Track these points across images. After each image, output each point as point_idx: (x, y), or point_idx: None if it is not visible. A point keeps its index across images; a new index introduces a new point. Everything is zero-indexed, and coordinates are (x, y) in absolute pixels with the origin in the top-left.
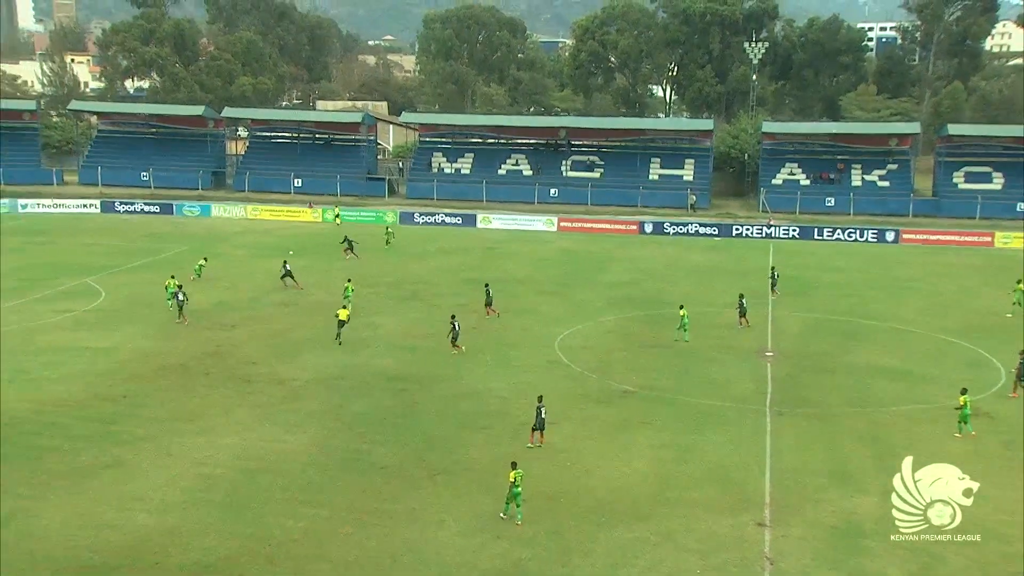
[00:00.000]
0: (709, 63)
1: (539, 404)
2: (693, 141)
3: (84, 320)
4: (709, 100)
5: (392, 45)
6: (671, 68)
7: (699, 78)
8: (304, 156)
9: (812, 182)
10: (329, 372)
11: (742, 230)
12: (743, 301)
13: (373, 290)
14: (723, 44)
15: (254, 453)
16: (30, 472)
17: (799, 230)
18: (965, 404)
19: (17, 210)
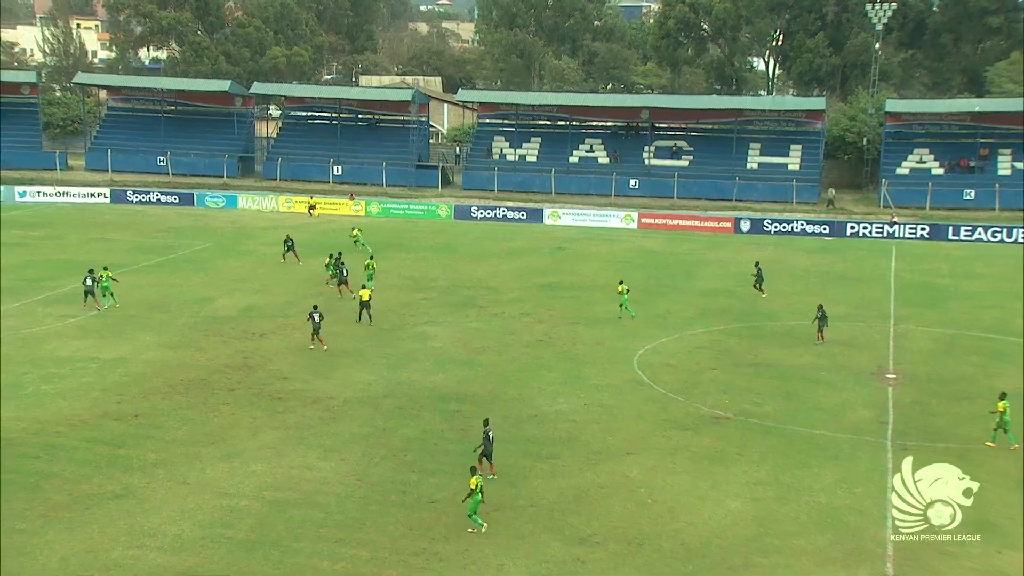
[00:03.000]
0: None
1: (486, 428)
2: (800, 123)
3: (91, 327)
4: (820, 75)
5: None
6: (775, 37)
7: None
8: (345, 140)
9: (947, 171)
10: (372, 390)
11: (858, 228)
12: (823, 311)
13: (423, 295)
14: (839, 7)
15: (285, 482)
16: (27, 502)
17: (929, 228)
18: (1004, 411)
19: (14, 198)
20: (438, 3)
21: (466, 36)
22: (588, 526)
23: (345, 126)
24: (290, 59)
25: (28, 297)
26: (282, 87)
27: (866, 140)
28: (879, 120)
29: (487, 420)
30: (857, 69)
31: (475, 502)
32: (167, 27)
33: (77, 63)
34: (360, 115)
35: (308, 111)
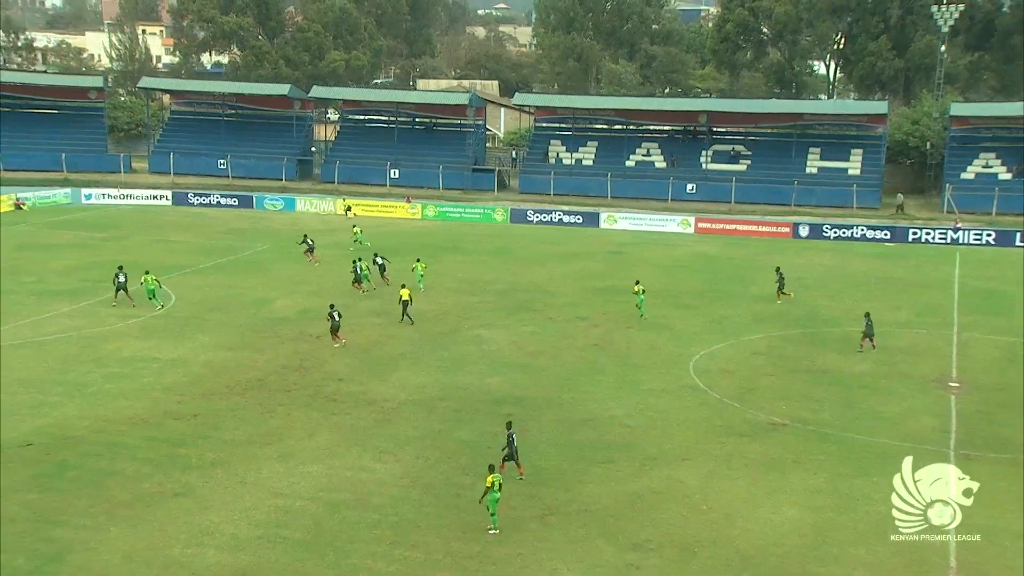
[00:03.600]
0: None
1: (509, 431)
2: (862, 127)
3: (152, 327)
4: (883, 78)
5: (505, 15)
6: (837, 40)
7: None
8: (402, 143)
9: (1016, 176)
10: (427, 392)
11: (920, 234)
12: (869, 318)
13: (479, 298)
14: (903, 9)
15: (339, 484)
16: (91, 499)
17: (995, 235)
18: None
19: (80, 200)
20: (496, 7)
21: (523, 40)
22: (642, 531)
23: (402, 129)
24: (349, 63)
25: (92, 297)
26: (340, 91)
27: (930, 144)
28: (944, 124)
29: (510, 423)
30: (921, 72)
31: (492, 500)
32: (229, 32)
33: (142, 68)
34: (417, 119)
35: (366, 115)
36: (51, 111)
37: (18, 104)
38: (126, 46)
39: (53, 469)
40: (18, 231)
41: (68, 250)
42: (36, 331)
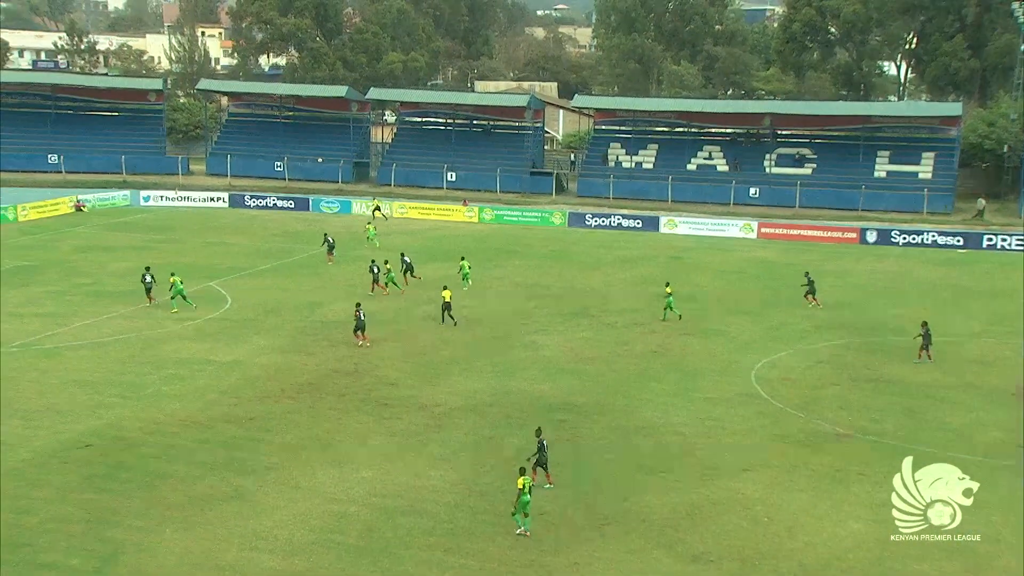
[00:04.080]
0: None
1: (539, 437)
2: (934, 130)
3: (207, 329)
4: (957, 79)
5: (565, 16)
6: (908, 40)
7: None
8: (459, 145)
9: None
10: (480, 398)
11: (995, 241)
12: (926, 327)
13: (535, 303)
14: (980, 7)
15: (393, 489)
16: (145, 501)
17: None
18: None
19: (139, 202)
20: (555, 8)
21: (583, 41)
22: (701, 543)
23: (460, 132)
24: (406, 64)
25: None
26: (398, 92)
27: (1007, 147)
28: (1022, 126)
29: (539, 429)
30: (998, 72)
31: (523, 503)
32: (287, 33)
33: (201, 70)
34: (475, 121)
35: (423, 116)
36: (111, 113)
37: (79, 107)
38: (185, 48)
39: (109, 470)
40: (78, 233)
41: (126, 252)
42: (94, 332)
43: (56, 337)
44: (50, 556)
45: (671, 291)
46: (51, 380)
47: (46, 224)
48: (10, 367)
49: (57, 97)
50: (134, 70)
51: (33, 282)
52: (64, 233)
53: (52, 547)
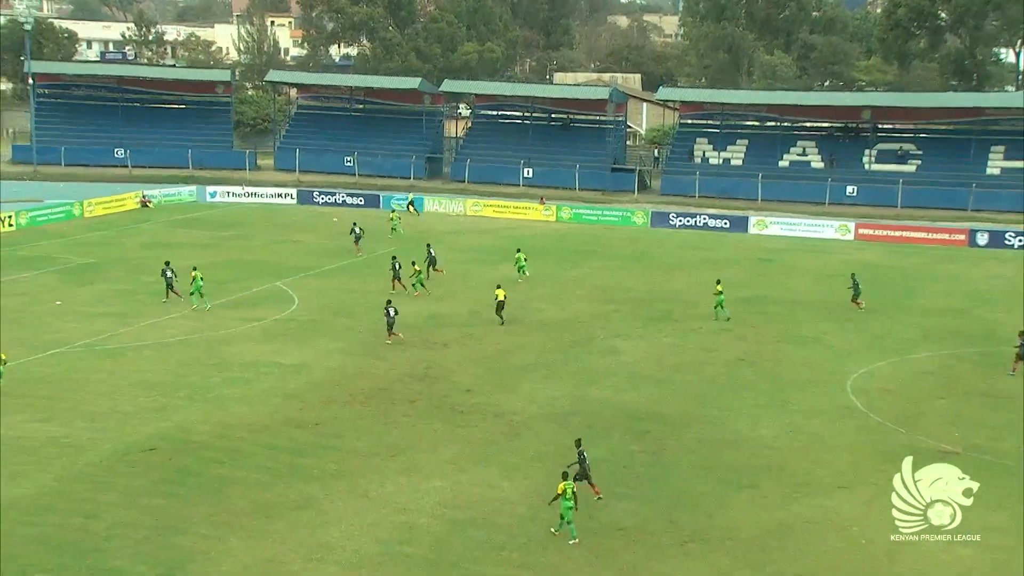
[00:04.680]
0: None
1: (579, 448)
2: None
3: (274, 331)
4: None
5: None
6: None
7: None
8: (537, 140)
9: None
10: (558, 406)
11: None
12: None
13: (615, 307)
14: None
15: (465, 500)
16: (211, 507)
17: None
18: None
19: (205, 198)
20: None
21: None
22: (793, 564)
23: (537, 126)
24: (482, 55)
25: (215, 299)
26: (473, 84)
27: None
28: None
29: (579, 440)
30: None
31: (565, 508)
32: (359, 23)
33: (270, 61)
34: (553, 114)
35: (499, 110)
36: (178, 106)
37: (146, 99)
38: (254, 38)
39: (174, 475)
40: (143, 229)
41: (191, 249)
42: (159, 333)
43: (120, 337)
44: (117, 562)
45: (721, 289)
46: (116, 381)
47: (112, 220)
48: (76, 367)
49: (124, 89)
50: (202, 61)
51: (98, 280)
52: (129, 229)
53: (119, 553)
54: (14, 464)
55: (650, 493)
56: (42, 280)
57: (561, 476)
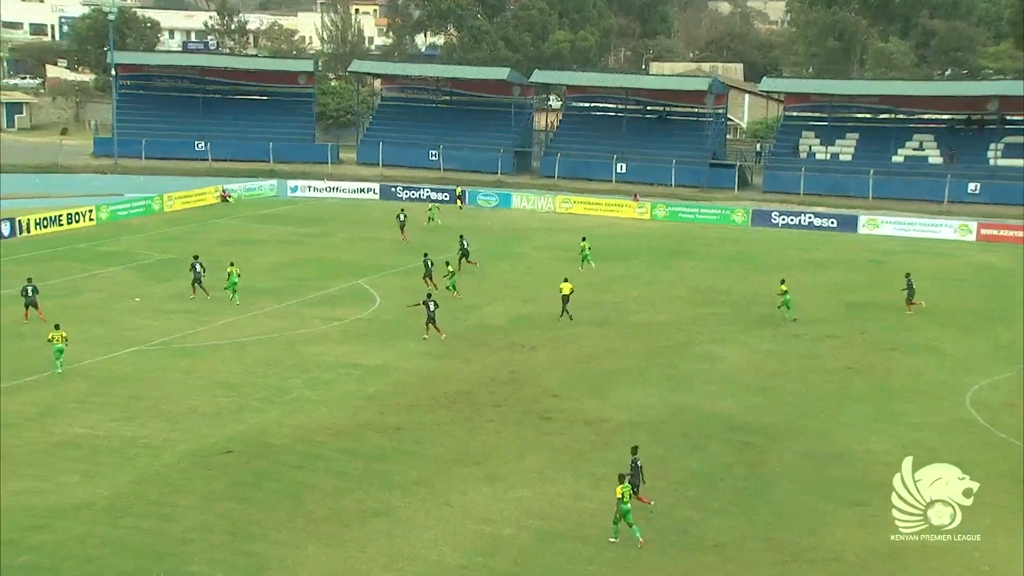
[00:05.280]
0: None
1: (634, 457)
2: None
3: (354, 331)
4: None
5: None
6: None
7: None
8: (631, 134)
9: None
10: (651, 413)
11: None
12: None
13: (712, 310)
14: None
15: (552, 511)
16: (288, 513)
17: None
18: None
19: (286, 193)
20: None
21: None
22: None
23: (631, 119)
24: (574, 44)
25: (294, 297)
26: (564, 75)
27: None
28: None
29: (635, 448)
30: None
31: (622, 511)
32: (446, 10)
33: (354, 50)
34: (649, 107)
35: (591, 102)
36: (260, 97)
37: (227, 90)
38: (338, 27)
39: (251, 478)
40: (223, 224)
41: (271, 246)
42: (237, 331)
43: (198, 335)
44: (193, 567)
45: (786, 288)
46: (194, 381)
47: (191, 215)
48: (153, 366)
49: (205, 80)
50: (284, 51)
51: (177, 276)
52: (208, 225)
53: (195, 558)
54: (92, 464)
55: (748, 508)
56: (121, 276)
57: (617, 479)
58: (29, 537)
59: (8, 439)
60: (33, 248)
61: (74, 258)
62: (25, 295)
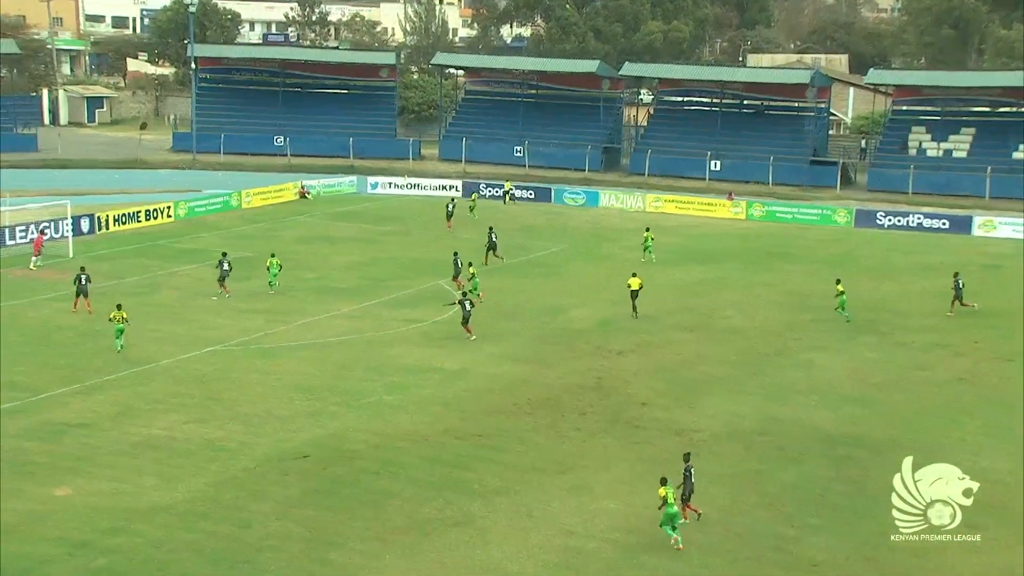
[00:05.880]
0: None
1: (687, 464)
2: None
3: (434, 334)
4: None
5: None
6: None
7: None
8: (726, 129)
9: None
10: (745, 424)
11: None
12: None
13: (811, 315)
14: None
15: (639, 524)
16: (366, 521)
17: None
18: None
19: (366, 190)
20: None
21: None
22: None
23: (727, 113)
24: (667, 35)
25: (373, 298)
26: (657, 68)
27: None
28: None
29: (688, 455)
30: None
31: (667, 515)
32: (533, 1)
33: (437, 42)
34: (746, 100)
35: (685, 96)
36: (340, 91)
37: (308, 84)
38: (421, 18)
39: (328, 485)
40: (301, 222)
41: (350, 244)
42: (315, 332)
43: (276, 336)
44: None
45: (842, 289)
46: (272, 383)
47: (269, 211)
48: (230, 366)
49: (285, 74)
50: (366, 43)
51: (255, 275)
52: (287, 222)
53: (271, 565)
54: (170, 467)
55: (849, 527)
56: (199, 274)
57: (660, 482)
58: (106, 539)
59: (87, 439)
60: (112, 245)
61: (152, 255)
62: (77, 283)
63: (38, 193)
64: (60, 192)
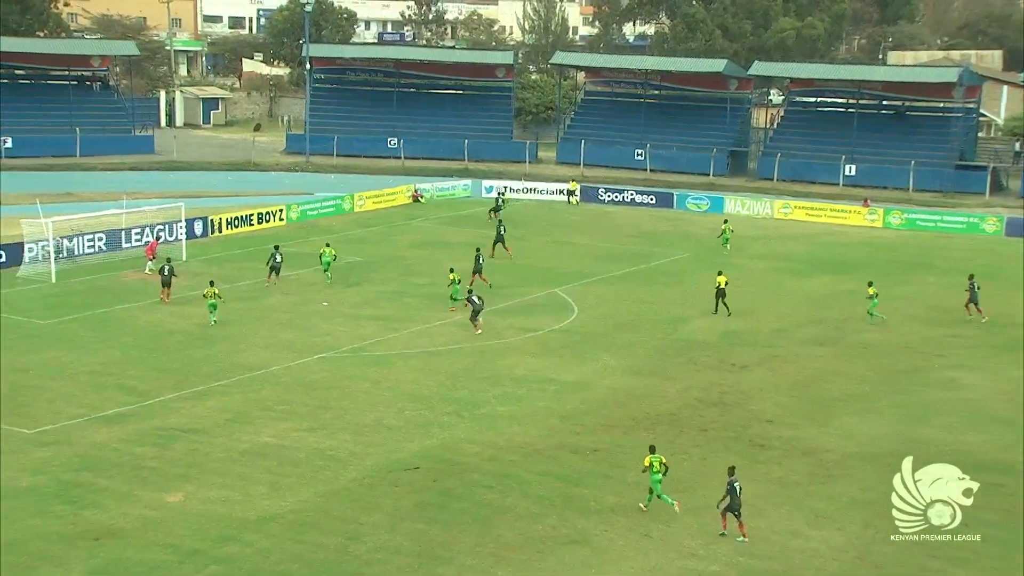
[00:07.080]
0: None
1: (731, 478)
2: None
3: (550, 343)
4: None
5: None
6: None
7: None
8: (863, 132)
9: None
10: (880, 445)
11: None
12: None
13: (954, 331)
14: None
15: (764, 550)
16: (477, 537)
17: None
18: None
19: (481, 193)
20: None
21: None
22: None
23: (864, 115)
24: (800, 32)
25: (487, 306)
26: (788, 67)
27: None
28: None
29: (732, 468)
30: None
31: (653, 480)
32: None
33: (556, 41)
34: (885, 101)
35: (818, 96)
36: (456, 91)
37: (422, 84)
38: (540, 16)
39: (439, 498)
40: (414, 227)
41: (465, 250)
42: (427, 340)
43: (388, 343)
44: None
45: (875, 292)
46: (382, 391)
47: (382, 215)
48: (342, 374)
49: (400, 74)
50: (483, 42)
51: (367, 280)
52: (400, 226)
53: None
54: (279, 476)
55: (1000, 560)
56: (310, 279)
57: (648, 450)
58: (216, 548)
59: (197, 445)
60: (224, 248)
61: (264, 259)
62: (162, 274)
63: (154, 195)
64: (175, 194)
